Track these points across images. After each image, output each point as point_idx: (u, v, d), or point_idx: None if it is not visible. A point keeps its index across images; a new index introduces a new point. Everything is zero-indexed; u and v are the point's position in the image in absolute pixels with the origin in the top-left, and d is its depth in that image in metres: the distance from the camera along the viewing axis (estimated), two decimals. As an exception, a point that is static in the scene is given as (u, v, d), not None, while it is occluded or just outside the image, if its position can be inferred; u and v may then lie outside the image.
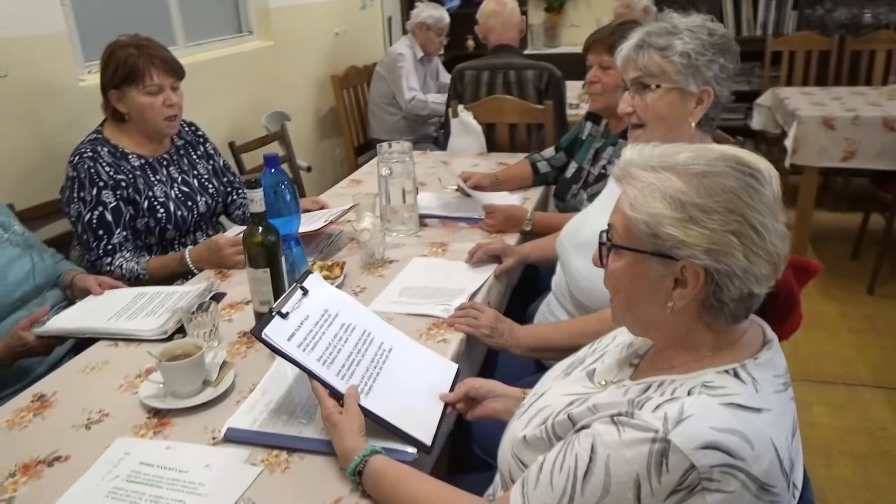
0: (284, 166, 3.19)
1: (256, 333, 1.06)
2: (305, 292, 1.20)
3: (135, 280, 1.83)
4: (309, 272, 1.26)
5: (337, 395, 1.06)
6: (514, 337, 1.45)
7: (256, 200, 1.36)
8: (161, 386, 1.22)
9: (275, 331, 1.08)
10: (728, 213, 0.77)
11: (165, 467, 1.05)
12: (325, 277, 1.62)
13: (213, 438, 1.12)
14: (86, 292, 1.67)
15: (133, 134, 1.99)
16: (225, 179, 2.21)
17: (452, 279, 1.67)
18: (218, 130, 2.89)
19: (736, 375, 0.81)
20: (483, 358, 1.59)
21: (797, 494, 0.83)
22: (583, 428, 0.83)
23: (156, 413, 1.19)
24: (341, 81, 3.84)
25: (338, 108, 3.84)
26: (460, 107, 2.86)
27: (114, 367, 1.35)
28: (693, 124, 1.42)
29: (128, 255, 1.88)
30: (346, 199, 2.16)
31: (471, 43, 5.11)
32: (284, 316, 1.12)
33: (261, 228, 1.38)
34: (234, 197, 2.23)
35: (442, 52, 3.98)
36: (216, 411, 1.19)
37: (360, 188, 2.44)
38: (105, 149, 1.93)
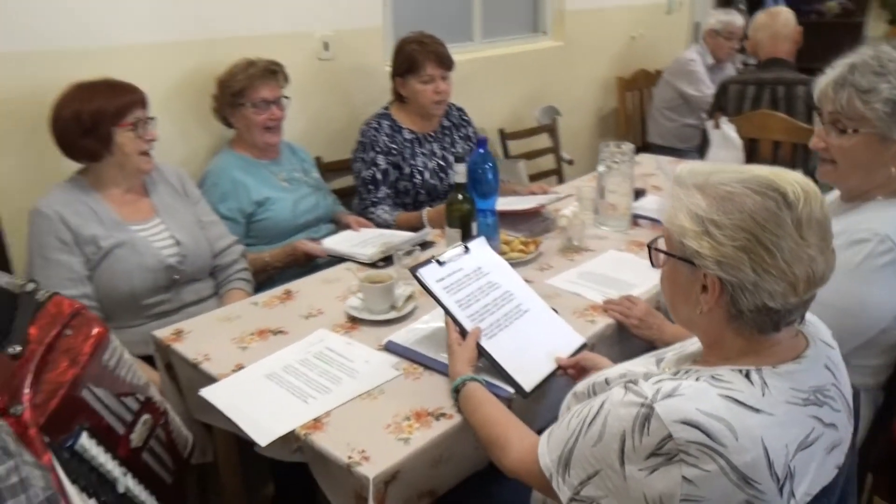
0: (549, 157, 3.48)
1: (413, 270, 1.38)
2: (467, 250, 1.48)
3: (384, 227, 2.30)
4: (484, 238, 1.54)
5: (464, 332, 1.33)
6: (662, 332, 1.55)
7: (460, 173, 1.68)
8: (361, 301, 1.62)
9: (429, 272, 1.38)
10: (739, 230, 0.86)
11: (340, 354, 1.43)
12: (520, 251, 1.89)
13: (379, 345, 1.47)
14: (346, 227, 2.19)
15: (410, 113, 2.45)
16: (478, 159, 2.58)
17: (631, 275, 1.80)
18: (493, 117, 3.29)
19: (747, 376, 0.89)
20: (640, 353, 1.71)
21: (796, 503, 0.88)
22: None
23: (352, 319, 1.59)
24: (626, 83, 3.98)
25: (619, 109, 4.00)
26: (723, 119, 2.84)
27: (341, 284, 1.79)
28: (893, 171, 1.35)
29: (387, 208, 2.36)
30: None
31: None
32: (441, 263, 1.42)
33: (460, 196, 1.69)
34: (482, 175, 2.59)
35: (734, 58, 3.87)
36: (391, 328, 1.54)
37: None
38: (386, 122, 2.42)
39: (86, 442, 0.94)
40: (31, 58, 1.91)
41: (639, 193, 2.35)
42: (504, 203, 2.05)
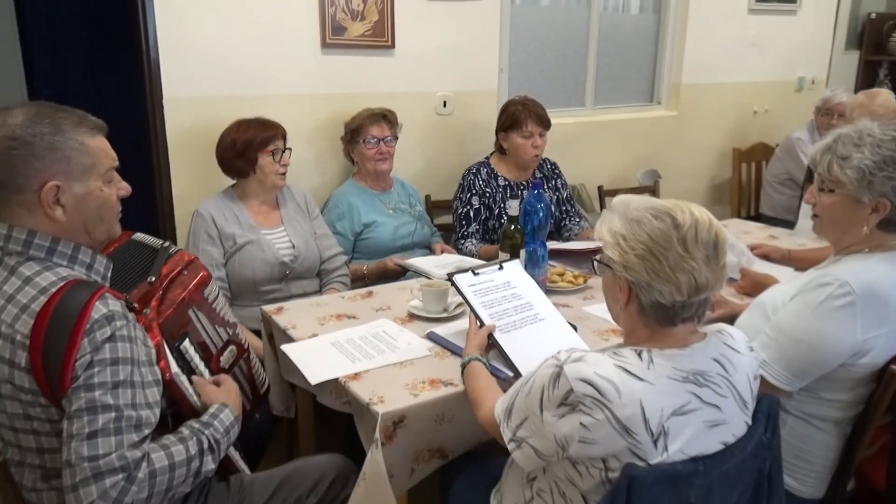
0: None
1: (450, 275, 1.75)
2: (501, 268, 1.82)
3: (469, 256, 2.68)
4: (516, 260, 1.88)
5: (482, 327, 1.67)
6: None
7: (513, 207, 2.05)
8: (420, 302, 2.00)
9: (463, 278, 1.74)
10: (638, 243, 1.15)
11: (391, 336, 1.82)
12: (569, 282, 2.20)
13: (424, 335, 1.84)
14: (432, 252, 2.60)
15: (507, 163, 2.85)
16: (564, 209, 2.91)
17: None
18: (597, 175, 3.60)
19: (639, 354, 1.16)
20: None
21: (667, 456, 1.12)
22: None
23: (411, 315, 1.98)
24: (743, 155, 4.11)
25: (733, 179, 4.12)
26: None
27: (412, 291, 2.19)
28: (865, 230, 1.52)
29: (474, 241, 2.75)
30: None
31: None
32: (476, 274, 1.77)
33: (512, 227, 2.05)
34: (566, 223, 2.92)
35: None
36: (438, 325, 1.90)
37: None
38: (485, 170, 2.84)
39: (188, 345, 1.39)
40: (211, 101, 2.55)
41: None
42: (567, 244, 2.36)
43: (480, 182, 2.80)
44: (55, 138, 1.17)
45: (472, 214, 2.78)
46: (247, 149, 2.27)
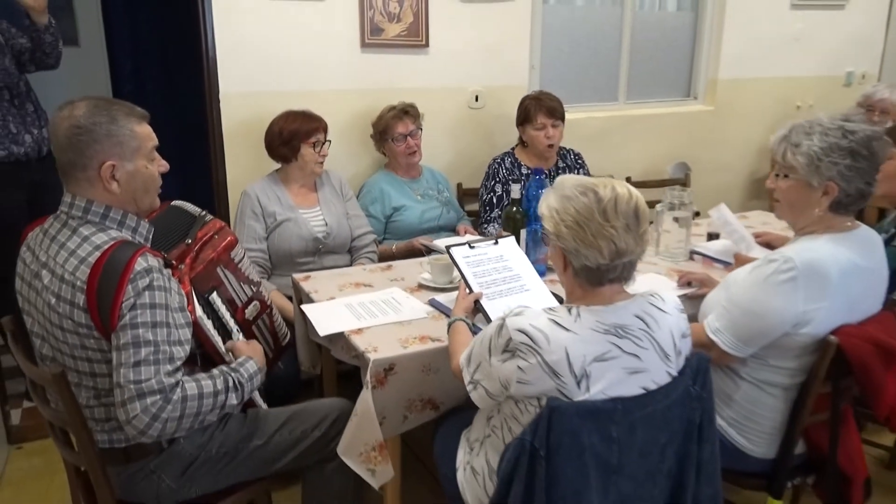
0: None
1: (448, 248, 1.98)
2: (496, 243, 2.05)
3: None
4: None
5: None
6: None
7: (515, 190, 2.27)
8: (429, 274, 2.25)
9: (458, 250, 1.97)
10: (567, 215, 1.35)
11: (398, 301, 2.07)
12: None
13: (430, 304, 2.09)
14: (457, 234, 2.85)
15: (529, 154, 3.06)
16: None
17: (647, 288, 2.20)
18: (628, 166, 3.74)
19: (569, 310, 1.37)
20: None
21: (589, 395, 1.32)
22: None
23: (420, 286, 2.23)
24: (782, 149, 4.14)
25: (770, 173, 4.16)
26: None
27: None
28: (817, 212, 1.68)
29: (497, 225, 2.97)
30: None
31: None
32: (472, 247, 2.00)
33: (514, 209, 2.27)
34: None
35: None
36: (441, 293, 2.15)
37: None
38: (509, 159, 3.06)
39: (216, 297, 1.70)
40: (261, 96, 2.87)
41: (711, 236, 2.70)
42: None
43: (504, 171, 3.02)
44: (111, 126, 1.48)
45: (494, 201, 3.00)
46: (292, 138, 2.57)
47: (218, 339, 1.64)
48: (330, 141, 2.68)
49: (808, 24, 4.19)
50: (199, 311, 1.59)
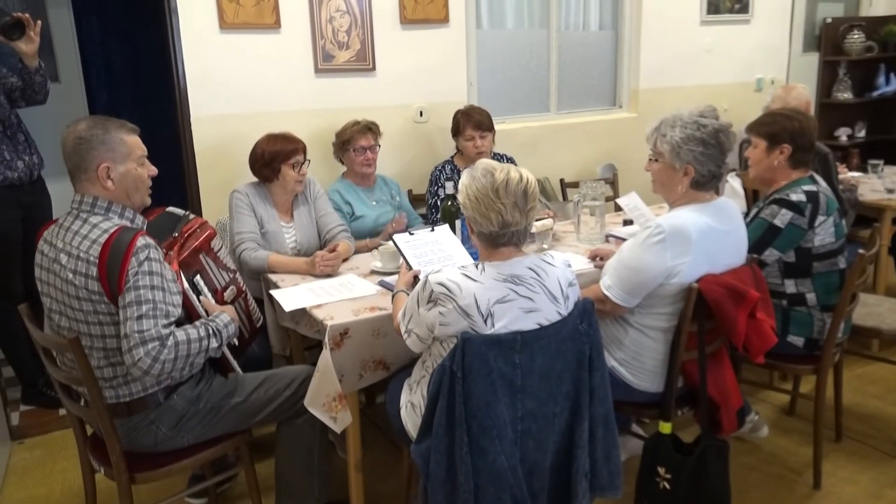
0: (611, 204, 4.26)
1: (391, 235, 2.37)
2: (433, 230, 2.45)
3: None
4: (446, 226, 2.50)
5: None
6: None
7: (449, 187, 2.67)
8: (379, 262, 2.63)
9: (400, 237, 2.37)
10: (471, 191, 1.75)
11: (352, 283, 2.45)
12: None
13: (378, 285, 2.47)
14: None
15: (465, 160, 3.47)
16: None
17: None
18: (561, 169, 4.18)
19: (477, 266, 1.76)
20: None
21: (495, 330, 1.71)
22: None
23: (372, 271, 2.61)
24: (701, 149, 4.62)
25: (693, 170, 4.64)
26: (732, 172, 3.47)
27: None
28: (681, 189, 2.10)
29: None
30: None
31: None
32: (412, 234, 2.40)
33: (449, 202, 2.67)
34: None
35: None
36: (388, 276, 2.53)
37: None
38: (448, 166, 3.47)
39: (199, 279, 2.06)
40: (232, 117, 3.25)
41: (627, 222, 3.13)
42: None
43: (445, 177, 3.43)
44: (105, 136, 1.85)
45: (438, 203, 3.40)
46: (273, 160, 2.84)
47: (202, 310, 2.01)
48: (309, 160, 2.98)
49: (718, 36, 4.71)
50: (185, 284, 1.96)
